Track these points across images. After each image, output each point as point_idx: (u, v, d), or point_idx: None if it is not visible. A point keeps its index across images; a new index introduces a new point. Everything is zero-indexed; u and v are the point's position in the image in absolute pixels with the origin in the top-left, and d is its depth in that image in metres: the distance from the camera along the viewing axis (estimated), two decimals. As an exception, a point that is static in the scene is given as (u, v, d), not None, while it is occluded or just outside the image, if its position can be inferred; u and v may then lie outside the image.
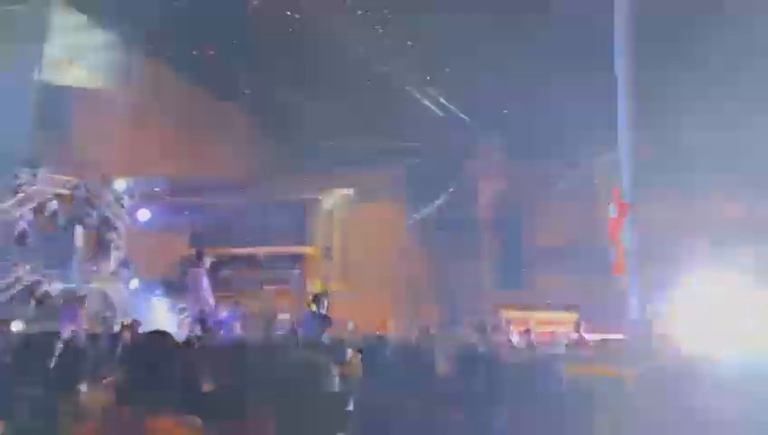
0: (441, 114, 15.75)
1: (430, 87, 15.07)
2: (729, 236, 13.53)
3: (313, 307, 8.82)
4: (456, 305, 24.34)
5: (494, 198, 20.42)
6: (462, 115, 16.57)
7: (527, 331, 10.91)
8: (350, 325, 6.83)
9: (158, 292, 13.43)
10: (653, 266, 9.28)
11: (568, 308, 14.79)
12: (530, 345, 9.87)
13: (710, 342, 8.15)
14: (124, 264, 14.15)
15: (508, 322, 11.53)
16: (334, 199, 18.70)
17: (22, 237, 12.52)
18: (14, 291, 12.29)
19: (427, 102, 15.43)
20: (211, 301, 9.65)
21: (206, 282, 9.52)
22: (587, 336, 10.67)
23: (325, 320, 8.50)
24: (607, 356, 8.17)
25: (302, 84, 15.93)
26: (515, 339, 10.77)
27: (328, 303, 9.10)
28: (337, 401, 1.67)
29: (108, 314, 11.20)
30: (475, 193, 19.37)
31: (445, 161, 17.71)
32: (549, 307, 16.88)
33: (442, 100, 15.57)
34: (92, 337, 7.85)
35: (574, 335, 10.80)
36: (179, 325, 11.32)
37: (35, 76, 15.37)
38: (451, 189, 18.38)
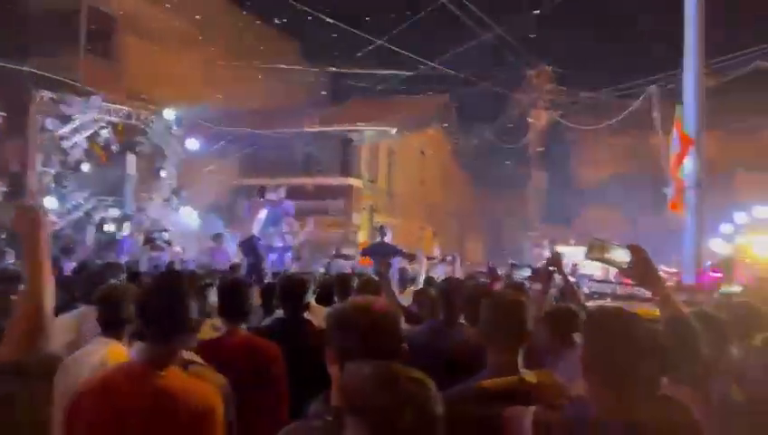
0: (492, 41, 15.10)
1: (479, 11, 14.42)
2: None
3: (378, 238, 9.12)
4: (503, 239, 24.25)
5: (543, 129, 19.84)
6: (512, 41, 15.88)
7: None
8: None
9: (209, 219, 13.73)
10: (711, 202, 8.90)
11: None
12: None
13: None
14: (175, 191, 14.42)
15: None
16: (379, 130, 18.46)
17: (77, 165, 12.78)
18: (74, 217, 12.61)
19: (475, 27, 14.82)
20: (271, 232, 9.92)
21: (264, 214, 9.76)
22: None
23: (389, 248, 8.74)
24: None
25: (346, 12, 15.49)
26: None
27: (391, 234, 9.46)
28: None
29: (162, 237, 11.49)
30: (524, 123, 18.87)
31: (494, 90, 17.16)
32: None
33: (492, 24, 14.91)
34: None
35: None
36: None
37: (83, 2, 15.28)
38: (499, 119, 17.90)
